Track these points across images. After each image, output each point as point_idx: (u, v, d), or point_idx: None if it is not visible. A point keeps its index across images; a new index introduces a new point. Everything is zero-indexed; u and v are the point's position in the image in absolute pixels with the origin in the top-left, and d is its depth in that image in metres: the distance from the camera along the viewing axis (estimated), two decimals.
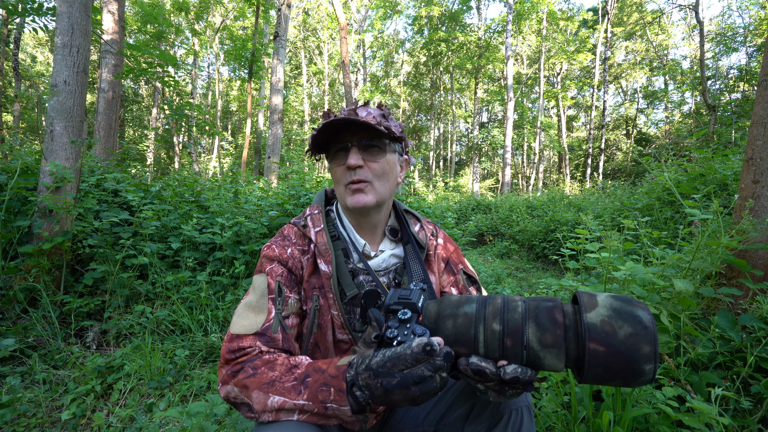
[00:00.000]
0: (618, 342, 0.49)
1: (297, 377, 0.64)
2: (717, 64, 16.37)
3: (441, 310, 0.60)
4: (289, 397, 0.62)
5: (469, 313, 0.57)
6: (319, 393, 0.61)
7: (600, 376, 0.51)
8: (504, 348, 0.54)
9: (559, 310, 0.54)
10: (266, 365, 0.68)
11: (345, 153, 0.81)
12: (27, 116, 16.00)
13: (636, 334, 0.49)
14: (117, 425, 1.47)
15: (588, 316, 0.51)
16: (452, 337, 0.57)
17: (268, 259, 0.82)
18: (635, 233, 2.15)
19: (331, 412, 0.60)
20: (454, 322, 0.57)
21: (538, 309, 0.55)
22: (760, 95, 1.58)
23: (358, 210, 0.82)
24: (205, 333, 2.21)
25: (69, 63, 2.40)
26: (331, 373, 0.62)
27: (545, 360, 0.53)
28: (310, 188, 3.52)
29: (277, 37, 7.41)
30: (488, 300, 0.58)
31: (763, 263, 1.50)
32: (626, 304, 0.52)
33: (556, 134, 21.35)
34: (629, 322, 0.50)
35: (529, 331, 0.53)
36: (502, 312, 0.56)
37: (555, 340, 0.52)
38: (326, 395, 0.60)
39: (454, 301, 0.60)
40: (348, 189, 0.81)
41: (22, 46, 18.94)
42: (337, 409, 0.59)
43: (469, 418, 0.73)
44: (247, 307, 0.77)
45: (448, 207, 7.52)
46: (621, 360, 0.49)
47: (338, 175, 0.82)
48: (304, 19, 20.54)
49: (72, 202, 2.32)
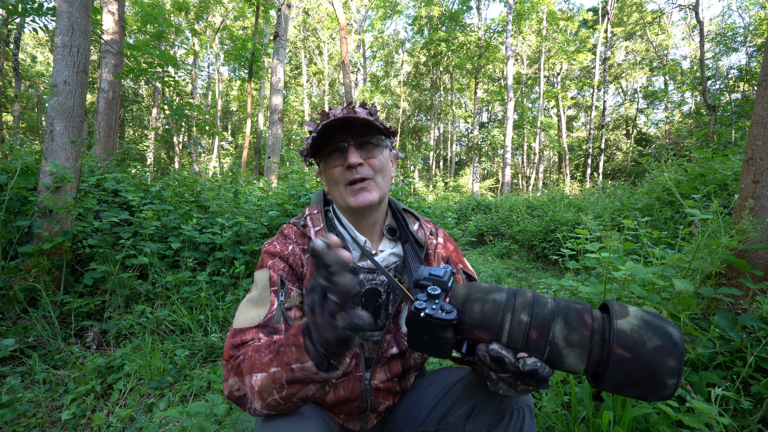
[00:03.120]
0: (645, 351, 0.49)
1: (273, 349, 0.63)
2: (717, 64, 16.37)
3: (470, 294, 0.59)
4: (266, 371, 0.60)
5: (499, 300, 0.57)
6: (284, 356, 0.59)
7: (619, 383, 0.50)
8: (528, 340, 0.54)
9: (588, 313, 0.54)
10: (255, 349, 0.67)
11: (341, 153, 0.80)
12: (27, 116, 16.00)
13: (664, 347, 0.49)
14: (117, 425, 1.47)
15: (618, 322, 0.51)
16: (477, 321, 0.57)
17: (270, 254, 0.82)
18: (635, 233, 2.15)
19: (299, 374, 0.57)
20: (482, 307, 0.57)
21: (567, 308, 0.55)
22: (760, 95, 1.58)
23: (361, 209, 0.82)
24: (205, 333, 2.21)
25: (69, 63, 2.40)
26: (292, 332, 0.60)
27: (567, 358, 0.53)
28: (310, 188, 3.52)
29: (277, 37, 7.41)
30: (518, 292, 0.58)
31: (763, 263, 1.50)
32: (657, 319, 0.52)
33: (556, 134, 21.35)
34: (659, 336, 0.50)
35: (557, 327, 0.53)
36: (532, 305, 0.56)
37: (581, 340, 0.52)
38: (290, 356, 0.58)
39: (484, 288, 0.60)
40: (349, 189, 0.80)
41: (22, 46, 18.94)
42: (302, 368, 0.57)
43: (470, 418, 0.73)
44: (249, 303, 0.77)
45: (448, 207, 7.52)
46: (644, 370, 0.49)
47: (336, 175, 0.81)
48: (304, 19, 20.55)
49: (72, 202, 2.32)
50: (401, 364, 0.85)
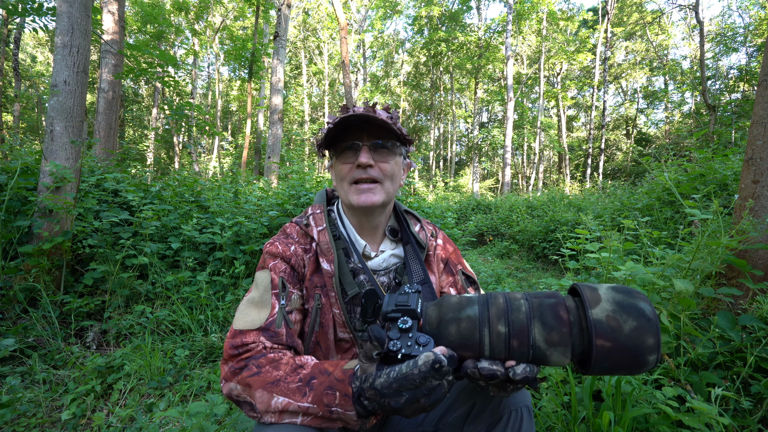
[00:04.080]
0: (624, 336, 0.50)
1: (302, 378, 0.63)
2: (717, 64, 16.36)
3: (443, 315, 0.58)
4: (293, 399, 0.61)
5: (472, 316, 0.56)
6: (325, 396, 0.60)
7: (605, 369, 0.52)
8: (510, 349, 0.54)
9: (562, 307, 0.54)
10: (271, 364, 0.67)
11: (354, 152, 0.80)
12: (27, 116, 16.00)
13: (640, 326, 0.50)
14: (117, 425, 1.47)
15: (593, 312, 0.52)
16: (456, 342, 0.56)
17: (271, 255, 0.82)
18: (635, 233, 2.15)
19: (336, 416, 0.59)
20: (458, 327, 0.56)
21: (542, 307, 0.55)
22: (760, 95, 1.58)
23: (364, 209, 0.82)
24: (205, 333, 2.21)
25: (69, 63, 2.40)
26: (337, 376, 0.61)
27: (551, 357, 0.53)
28: (310, 188, 3.52)
29: (277, 37, 7.41)
30: (490, 300, 0.57)
31: (763, 263, 1.50)
32: (628, 297, 0.53)
33: (556, 134, 21.35)
34: (633, 316, 0.51)
35: (535, 330, 0.53)
36: (507, 312, 0.55)
37: (561, 339, 0.52)
38: (332, 399, 0.59)
39: (454, 304, 0.59)
40: (354, 187, 0.81)
41: (22, 46, 18.95)
42: (342, 414, 0.59)
43: (468, 418, 0.73)
44: (249, 304, 0.77)
45: (448, 207, 7.52)
46: (626, 353, 0.50)
47: (344, 172, 0.81)
48: (304, 19, 20.54)
49: (72, 202, 2.32)
50: None
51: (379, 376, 0.55)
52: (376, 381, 0.55)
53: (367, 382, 0.56)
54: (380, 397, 0.54)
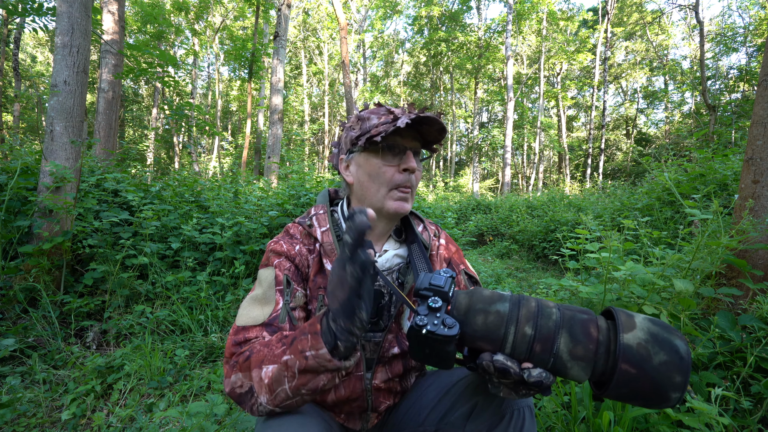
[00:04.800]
0: (651, 367, 0.49)
1: (285, 342, 0.64)
2: (717, 64, 16.36)
3: (472, 304, 0.58)
4: (278, 362, 0.61)
5: (502, 311, 0.56)
6: (299, 343, 0.60)
7: (622, 396, 0.51)
8: (532, 352, 0.53)
9: (594, 324, 0.54)
10: (264, 344, 0.67)
11: (395, 154, 0.79)
12: (27, 116, 16.00)
13: (670, 362, 0.49)
14: (117, 425, 1.47)
15: (625, 336, 0.51)
16: (481, 333, 0.56)
17: (276, 253, 0.82)
18: (635, 233, 2.15)
19: (312, 362, 0.58)
20: (485, 319, 0.56)
21: (573, 320, 0.54)
22: (760, 95, 1.58)
23: (392, 216, 0.83)
24: (205, 333, 2.21)
25: (69, 63, 2.40)
26: (310, 321, 0.62)
27: (571, 370, 0.52)
28: (310, 188, 3.52)
29: (277, 37, 7.41)
30: (522, 301, 0.57)
31: (763, 263, 1.50)
32: (664, 331, 0.51)
33: (556, 134, 21.35)
34: (665, 350, 0.49)
35: (561, 340, 0.53)
36: (536, 317, 0.55)
37: (586, 354, 0.52)
38: (305, 344, 0.59)
39: (486, 296, 0.59)
40: (394, 193, 0.80)
41: (22, 46, 18.94)
42: (316, 355, 0.58)
43: (470, 418, 0.73)
44: (253, 300, 0.76)
45: (448, 207, 7.52)
46: (650, 385, 0.49)
47: (388, 175, 0.79)
48: (304, 19, 20.54)
49: (72, 202, 2.32)
50: (402, 364, 0.85)
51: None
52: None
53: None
54: (330, 297, 0.58)
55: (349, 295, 0.55)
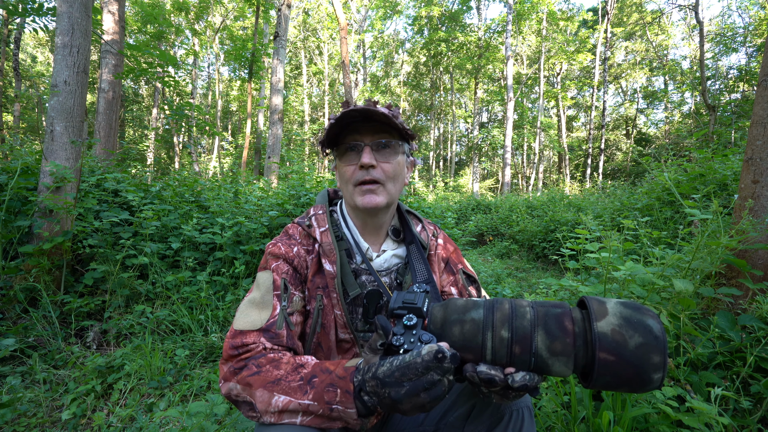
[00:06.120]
0: (628, 352, 0.49)
1: (303, 377, 0.63)
2: (717, 64, 16.36)
3: (447, 315, 0.59)
4: (294, 397, 0.61)
5: (477, 319, 0.56)
6: (325, 393, 0.60)
7: (608, 384, 0.51)
8: (512, 355, 0.53)
9: (568, 317, 0.54)
10: (271, 363, 0.67)
11: (356, 152, 0.80)
12: (27, 116, 16.00)
13: (646, 344, 0.49)
14: (117, 425, 1.47)
15: (598, 325, 0.51)
16: (459, 344, 0.56)
17: (274, 256, 0.82)
18: (635, 233, 2.15)
19: (336, 414, 0.59)
20: (462, 329, 0.56)
21: (547, 316, 0.54)
22: (760, 95, 1.59)
23: (367, 210, 0.82)
24: (205, 333, 2.21)
25: (69, 63, 2.41)
26: (338, 374, 0.61)
27: (553, 367, 0.53)
28: (310, 188, 3.52)
29: (277, 37, 7.41)
30: (495, 305, 0.57)
31: (763, 263, 1.50)
32: (636, 313, 0.52)
33: (556, 134, 21.35)
34: (640, 332, 0.50)
35: (539, 338, 0.53)
36: (511, 318, 0.55)
37: (564, 349, 0.52)
38: (332, 396, 0.59)
39: (460, 306, 0.59)
40: (358, 189, 0.80)
41: (22, 46, 18.94)
42: (342, 411, 0.58)
43: (469, 418, 0.73)
44: (250, 304, 0.77)
45: (448, 207, 7.52)
46: (630, 369, 0.49)
47: (348, 174, 0.81)
48: (304, 19, 20.54)
49: (72, 202, 2.32)
50: None
51: (381, 365, 0.56)
52: (378, 370, 0.56)
53: (370, 372, 0.57)
54: (381, 387, 0.54)
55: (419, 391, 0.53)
